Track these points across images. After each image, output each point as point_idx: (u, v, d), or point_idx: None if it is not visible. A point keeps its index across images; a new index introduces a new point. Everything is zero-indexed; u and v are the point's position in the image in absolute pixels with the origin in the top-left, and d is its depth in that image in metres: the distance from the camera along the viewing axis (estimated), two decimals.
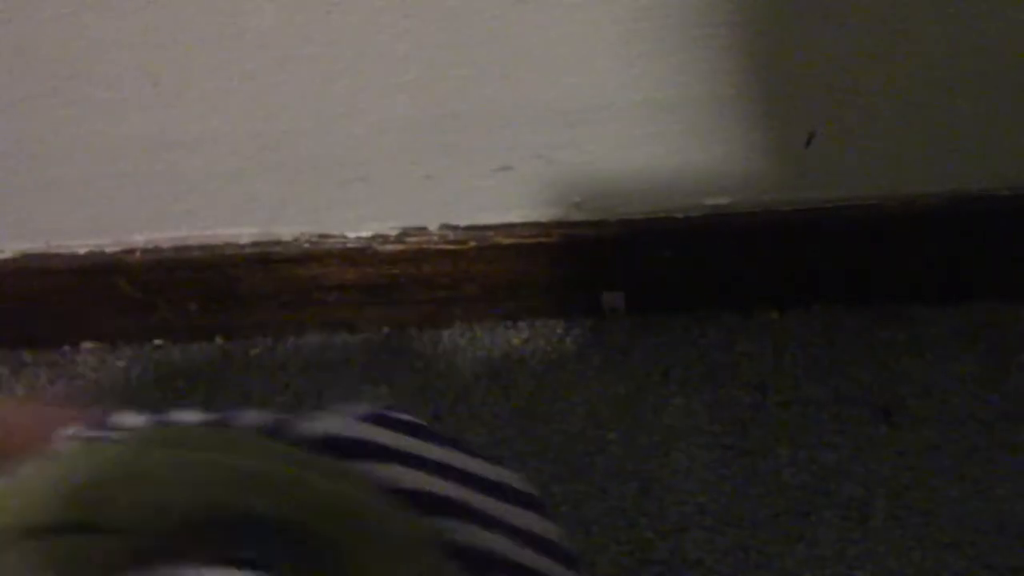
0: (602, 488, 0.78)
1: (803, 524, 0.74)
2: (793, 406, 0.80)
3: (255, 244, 0.87)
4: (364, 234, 0.86)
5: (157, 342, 0.95)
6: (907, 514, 0.74)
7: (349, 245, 0.86)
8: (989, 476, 0.75)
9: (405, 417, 0.46)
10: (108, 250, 0.89)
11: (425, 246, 0.85)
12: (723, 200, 0.80)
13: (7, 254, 0.90)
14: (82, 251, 0.89)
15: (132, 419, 0.46)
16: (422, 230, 0.85)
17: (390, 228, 0.85)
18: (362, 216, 0.85)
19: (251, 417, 0.45)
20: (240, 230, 0.87)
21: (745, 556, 0.73)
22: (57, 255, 0.89)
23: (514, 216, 0.83)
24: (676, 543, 0.75)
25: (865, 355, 0.82)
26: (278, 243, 0.87)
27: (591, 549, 0.75)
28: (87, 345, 0.95)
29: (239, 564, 0.32)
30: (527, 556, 0.42)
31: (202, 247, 0.88)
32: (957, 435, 0.77)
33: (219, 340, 0.94)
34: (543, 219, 0.83)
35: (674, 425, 0.81)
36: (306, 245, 0.86)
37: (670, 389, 0.83)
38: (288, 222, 0.86)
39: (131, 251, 0.89)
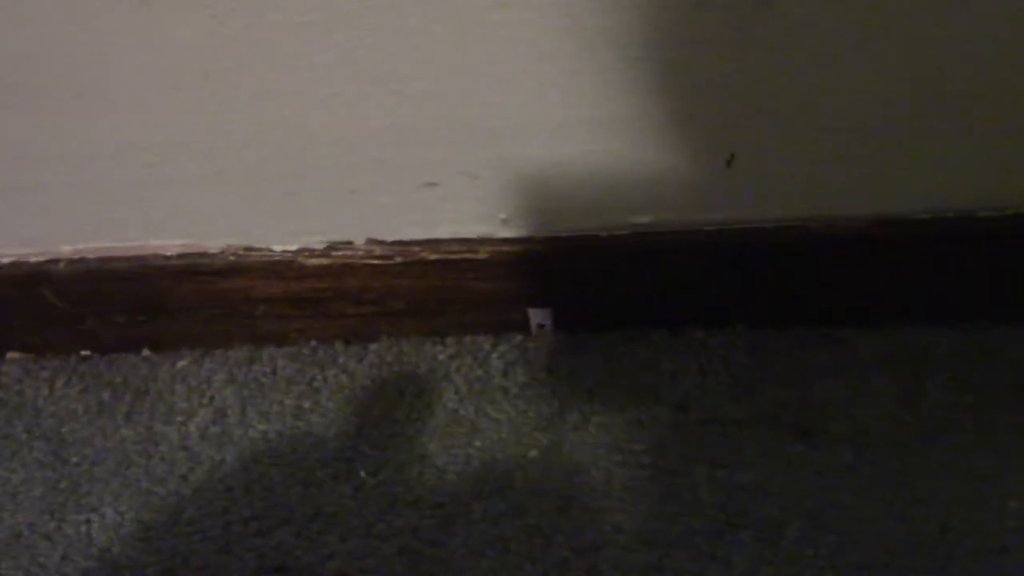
0: (520, 505, 0.78)
1: (717, 544, 0.74)
2: (713, 425, 0.80)
3: (181, 256, 0.86)
4: (290, 247, 0.85)
5: (84, 353, 0.94)
6: (821, 535, 0.74)
7: (275, 258, 0.86)
8: (904, 498, 0.75)
9: None
10: (33, 260, 0.88)
11: (351, 260, 0.85)
12: (645, 219, 0.81)
13: None
14: (6, 260, 0.88)
15: None
16: (348, 244, 0.85)
17: (317, 242, 0.85)
18: (289, 230, 0.85)
19: None
20: (167, 241, 0.86)
21: (661, 575, 0.73)
22: None
23: (441, 232, 0.83)
24: (591, 562, 0.74)
25: (787, 376, 0.82)
26: (204, 255, 0.86)
27: (507, 566, 0.75)
28: (12, 355, 0.95)
29: None
30: None
31: (128, 258, 0.87)
32: (873, 456, 0.77)
33: (146, 351, 0.93)
34: (470, 235, 0.83)
35: (594, 443, 0.81)
36: (232, 258, 0.86)
37: (593, 407, 0.83)
38: (215, 235, 0.86)
39: (56, 261, 0.88)
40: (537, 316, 0.87)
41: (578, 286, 0.85)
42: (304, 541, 0.78)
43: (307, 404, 0.87)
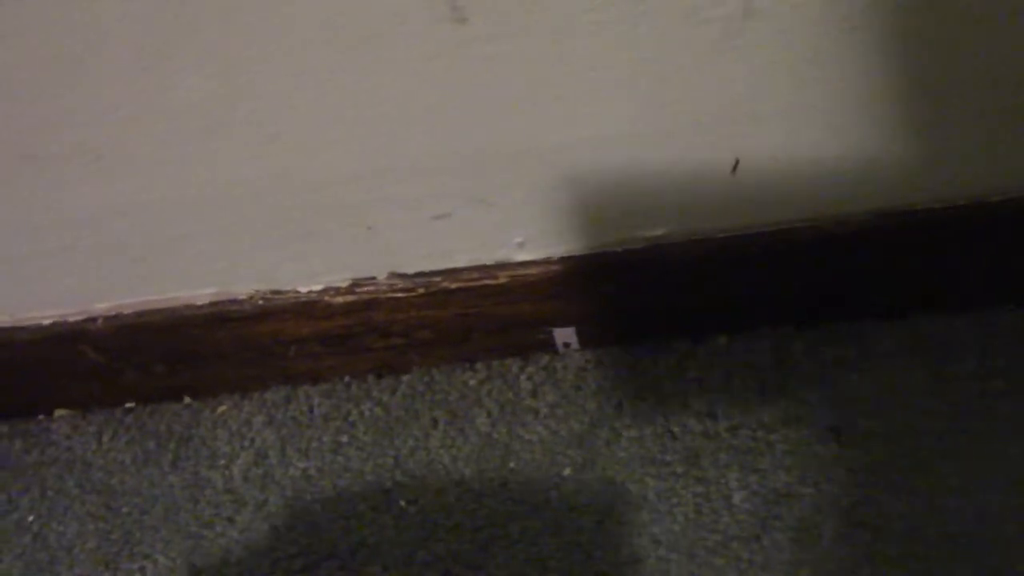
0: (557, 523, 0.79)
1: (754, 548, 0.75)
2: (743, 430, 0.81)
3: (212, 304, 0.89)
4: (316, 287, 0.87)
5: (128, 405, 0.97)
6: (856, 532, 0.74)
7: (302, 299, 0.88)
8: (938, 488, 0.75)
9: None
10: (72, 319, 0.91)
11: (375, 295, 0.87)
12: (658, 231, 0.81)
13: None
14: (47, 322, 0.91)
15: None
16: (372, 280, 0.87)
17: (340, 280, 0.87)
18: (313, 270, 0.87)
19: None
20: (197, 291, 0.89)
21: None
22: (23, 327, 0.92)
23: (459, 260, 0.85)
24: (631, 574, 0.75)
25: (813, 375, 0.83)
26: (234, 302, 0.88)
27: None
28: (60, 412, 0.98)
29: None
30: None
31: (161, 311, 0.90)
32: (904, 449, 0.77)
33: (187, 399, 0.95)
34: (488, 262, 0.84)
35: (627, 456, 0.82)
36: (261, 302, 0.88)
37: (623, 421, 0.84)
38: (242, 281, 0.88)
39: (94, 319, 0.91)
40: (562, 335, 0.88)
41: (599, 302, 0.86)
42: (349, 573, 0.80)
43: (344, 439, 0.89)
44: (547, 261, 0.84)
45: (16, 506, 0.91)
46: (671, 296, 0.85)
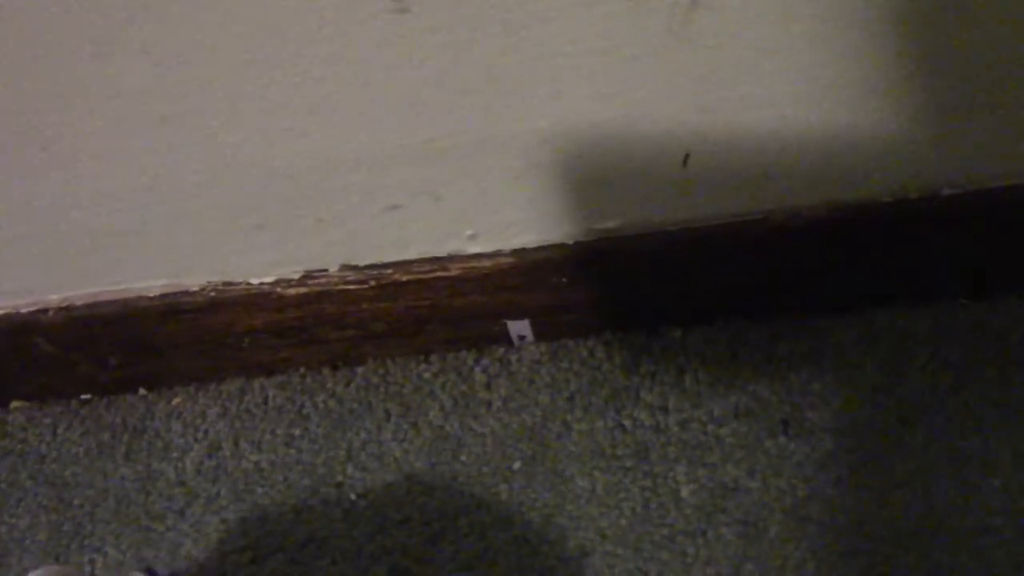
0: (507, 518, 0.79)
1: (699, 543, 0.74)
2: (693, 424, 0.80)
3: (164, 296, 0.88)
4: (268, 279, 0.87)
5: (84, 397, 0.96)
6: (803, 526, 0.74)
7: (254, 291, 0.87)
8: (886, 483, 0.75)
9: None
10: (24, 310, 0.90)
11: (327, 288, 0.86)
12: (610, 224, 0.81)
13: None
14: None
15: None
16: (323, 272, 0.86)
17: (292, 272, 0.86)
18: (265, 262, 0.86)
19: None
20: (149, 283, 0.88)
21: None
22: None
23: (411, 252, 0.84)
24: (577, 569, 0.75)
25: (766, 368, 0.82)
26: (186, 293, 0.88)
27: None
28: (16, 404, 0.97)
29: None
30: None
31: (113, 302, 0.89)
32: (853, 443, 0.77)
33: (142, 391, 0.95)
34: (439, 254, 0.84)
35: (577, 450, 0.81)
36: (212, 294, 0.87)
37: (574, 415, 0.83)
38: (194, 272, 0.87)
39: (46, 310, 0.90)
40: (516, 328, 0.87)
41: (553, 295, 0.85)
42: (297, 567, 0.80)
43: (297, 431, 0.88)
44: (499, 253, 0.83)
45: None
46: (625, 289, 0.85)
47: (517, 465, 0.82)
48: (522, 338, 0.88)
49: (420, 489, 0.82)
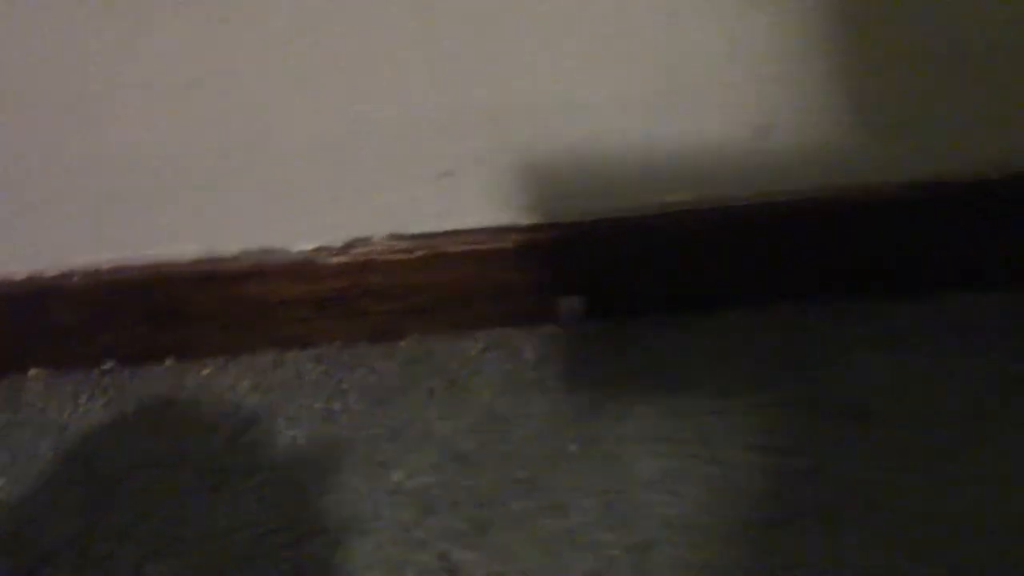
0: (562, 503, 0.75)
1: (774, 535, 0.71)
2: (758, 409, 0.77)
3: (197, 262, 0.84)
4: (308, 247, 0.83)
5: (106, 366, 0.92)
6: (875, 515, 0.71)
7: (293, 259, 0.83)
8: (960, 474, 0.72)
9: None
10: (48, 275, 0.86)
11: (372, 257, 0.82)
12: (679, 197, 0.77)
13: None
14: (20, 277, 0.86)
15: None
16: (368, 240, 0.82)
17: (334, 240, 0.82)
18: (305, 229, 0.82)
19: None
20: (182, 248, 0.84)
21: (716, 571, 0.70)
22: None
23: (463, 222, 0.80)
24: (641, 561, 0.72)
25: (831, 354, 0.79)
26: (221, 260, 0.84)
27: (551, 570, 0.72)
28: (34, 372, 0.92)
29: None
30: None
31: (143, 267, 0.85)
32: (927, 433, 0.74)
33: (169, 361, 0.90)
34: (493, 224, 0.80)
35: (636, 434, 0.78)
36: (249, 261, 0.83)
37: (631, 396, 0.80)
38: (230, 239, 0.83)
39: (70, 275, 0.85)
40: (568, 304, 0.83)
41: (609, 271, 0.82)
42: (340, 551, 0.76)
43: (336, 407, 0.84)
44: (555, 226, 0.79)
45: None
46: (684, 265, 0.81)
47: (572, 448, 0.78)
48: (574, 315, 0.84)
49: (469, 471, 0.78)
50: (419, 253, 0.81)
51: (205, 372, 0.89)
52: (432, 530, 0.76)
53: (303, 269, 0.83)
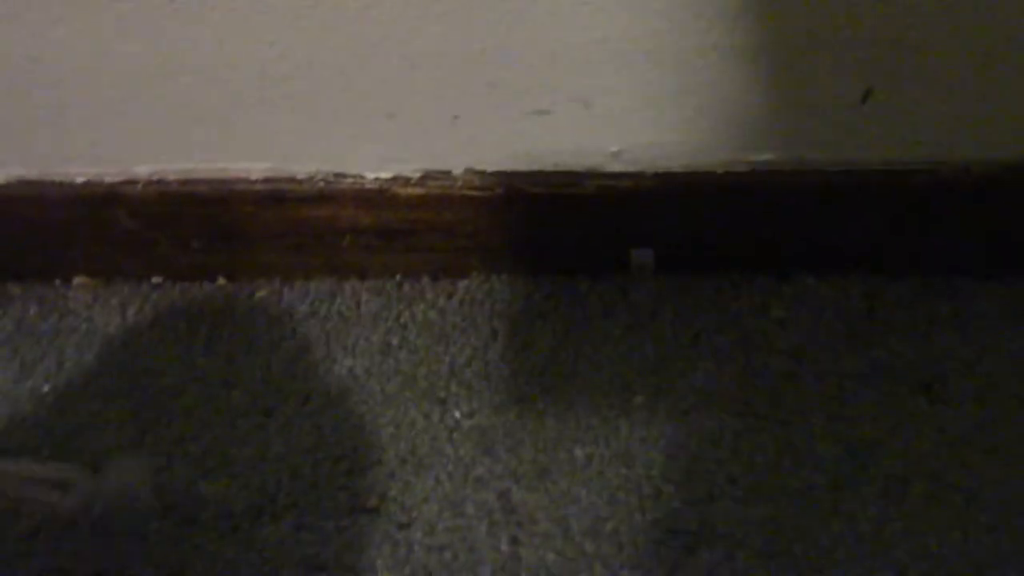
0: (627, 453, 0.75)
1: (838, 498, 0.71)
2: (830, 377, 0.77)
3: (267, 181, 0.82)
4: (384, 175, 0.81)
5: (156, 280, 0.90)
6: (947, 493, 0.71)
7: (367, 186, 0.81)
8: None
9: None
10: (108, 180, 0.84)
11: (448, 191, 0.80)
12: (767, 156, 0.76)
13: None
14: (80, 180, 0.84)
15: None
16: (446, 174, 0.80)
17: (412, 170, 0.80)
18: (383, 156, 0.80)
19: None
20: (252, 165, 0.82)
21: (778, 530, 0.70)
22: (53, 183, 0.84)
23: (547, 163, 0.79)
24: (704, 514, 0.71)
25: (906, 327, 0.79)
26: (292, 180, 0.82)
27: (614, 517, 0.72)
28: (79, 280, 0.90)
29: None
30: None
31: (210, 181, 0.83)
32: (1002, 414, 0.74)
33: (222, 280, 0.89)
34: (578, 168, 0.78)
35: (703, 390, 0.77)
36: (321, 184, 0.81)
37: (699, 353, 0.79)
38: (303, 159, 0.81)
39: (133, 182, 0.83)
40: (640, 257, 0.82)
41: (686, 226, 0.81)
42: (398, 483, 0.75)
43: (395, 341, 0.83)
44: (640, 175, 0.78)
45: (30, 373, 0.84)
46: (764, 227, 0.80)
47: (638, 400, 0.77)
48: (644, 268, 0.83)
49: (532, 415, 0.77)
50: (497, 191, 0.79)
51: (260, 294, 0.87)
52: (493, 470, 0.75)
53: (375, 197, 0.81)
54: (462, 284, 0.86)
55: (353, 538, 0.72)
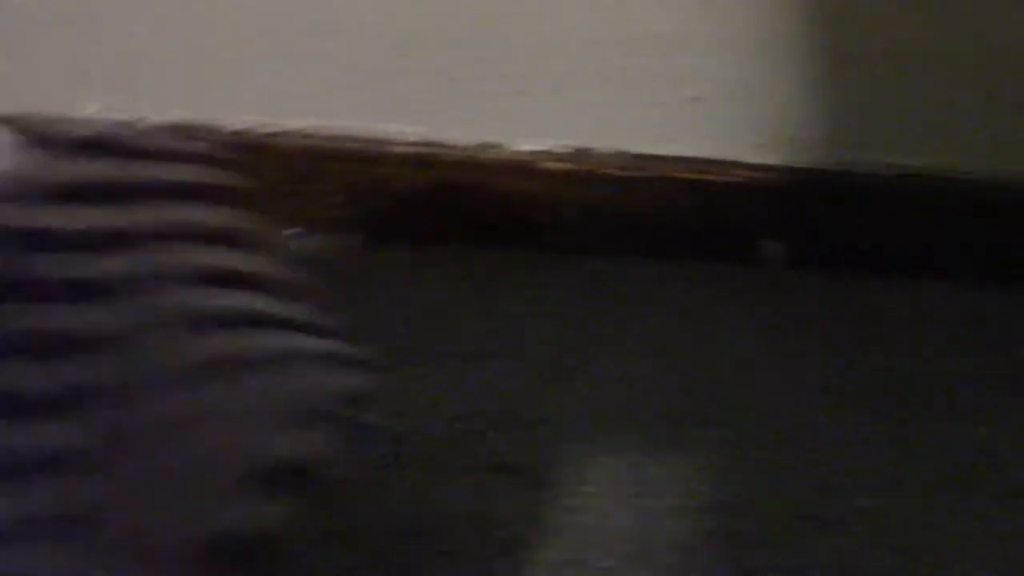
0: (748, 434, 0.77)
1: (947, 496, 0.73)
2: (940, 379, 0.79)
3: (414, 144, 0.84)
4: (531, 148, 0.83)
5: (291, 231, 0.92)
6: None
7: (513, 158, 0.83)
8: None
9: None
10: (258, 131, 0.86)
11: (593, 168, 0.83)
12: (914, 161, 0.78)
13: (152, 122, 0.87)
14: (230, 129, 0.86)
15: None
16: (592, 152, 0.82)
17: (560, 146, 0.83)
18: (532, 130, 0.82)
19: None
20: (402, 128, 0.84)
21: (903, 523, 0.72)
22: (205, 127, 0.86)
23: (693, 150, 0.81)
24: (821, 500, 0.73)
25: (1016, 336, 0.80)
26: (441, 146, 0.84)
27: (740, 500, 0.74)
28: None
29: None
30: None
31: (358, 139, 0.85)
32: None
33: (359, 238, 0.91)
34: (724, 157, 0.81)
35: (820, 385, 0.79)
36: (467, 152, 0.84)
37: (816, 347, 0.81)
38: (453, 125, 0.83)
39: (281, 134, 0.86)
40: (772, 249, 0.84)
41: (822, 223, 0.83)
42: (529, 447, 0.77)
43: (520, 310, 0.85)
44: (782, 168, 0.80)
45: None
46: (899, 231, 0.82)
47: (758, 386, 0.79)
48: (772, 261, 0.85)
49: (654, 390, 0.79)
50: (642, 173, 0.82)
51: (394, 255, 0.90)
52: (624, 441, 0.77)
53: (520, 168, 0.83)
54: (589, 261, 0.88)
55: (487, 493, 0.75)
